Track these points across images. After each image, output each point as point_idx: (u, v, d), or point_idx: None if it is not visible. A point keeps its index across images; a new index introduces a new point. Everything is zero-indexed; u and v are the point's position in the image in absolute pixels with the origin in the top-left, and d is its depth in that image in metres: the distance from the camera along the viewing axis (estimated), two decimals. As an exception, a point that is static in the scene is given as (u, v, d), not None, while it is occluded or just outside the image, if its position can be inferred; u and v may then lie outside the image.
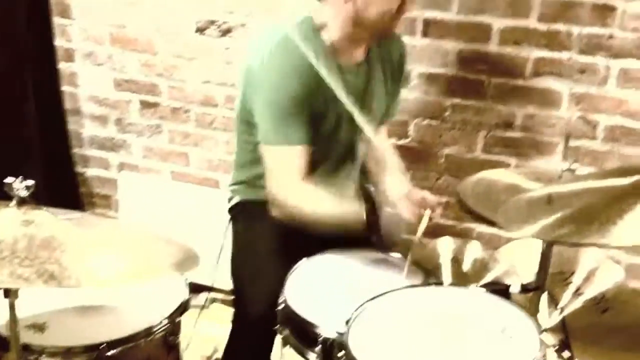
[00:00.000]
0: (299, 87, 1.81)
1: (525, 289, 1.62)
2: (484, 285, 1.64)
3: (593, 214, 1.33)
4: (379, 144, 2.10)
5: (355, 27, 1.86)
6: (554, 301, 2.04)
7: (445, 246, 2.63)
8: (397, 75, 2.13)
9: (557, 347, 1.76)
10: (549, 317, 1.93)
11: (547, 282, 1.93)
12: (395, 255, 1.90)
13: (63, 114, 3.05)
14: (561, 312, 2.41)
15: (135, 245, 1.25)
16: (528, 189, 1.89)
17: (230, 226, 2.14)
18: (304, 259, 1.80)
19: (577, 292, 2.43)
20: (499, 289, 1.63)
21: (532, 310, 1.95)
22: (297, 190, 1.86)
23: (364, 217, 1.79)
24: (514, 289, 1.64)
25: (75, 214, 1.36)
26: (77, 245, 1.22)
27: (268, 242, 1.97)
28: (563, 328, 1.65)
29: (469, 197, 1.94)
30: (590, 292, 2.41)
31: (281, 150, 1.86)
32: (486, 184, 1.98)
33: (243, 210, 2.11)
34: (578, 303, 2.41)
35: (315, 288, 1.72)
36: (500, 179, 1.99)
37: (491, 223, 1.82)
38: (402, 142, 2.67)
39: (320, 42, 1.87)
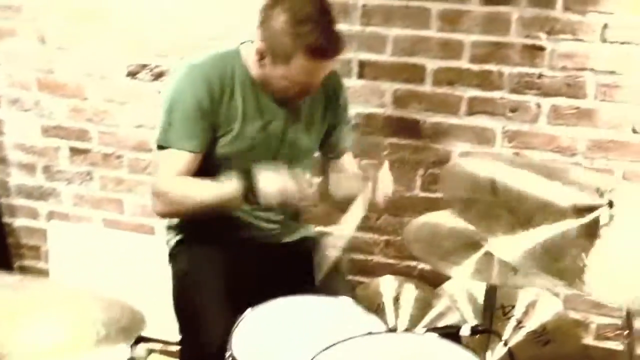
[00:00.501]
0: (193, 99, 1.88)
1: (475, 331, 1.60)
2: (435, 330, 1.62)
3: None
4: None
5: (265, 84, 1.93)
6: (498, 338, 2.04)
7: (387, 286, 2.63)
8: (333, 107, 2.13)
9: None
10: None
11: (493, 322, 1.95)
12: (343, 298, 1.86)
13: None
14: (505, 345, 2.44)
15: (73, 311, 1.17)
16: (471, 231, 1.90)
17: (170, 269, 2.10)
18: (249, 310, 1.74)
19: (519, 326, 2.46)
20: (450, 333, 1.61)
21: (482, 349, 1.97)
22: (168, 184, 1.92)
23: (243, 193, 1.83)
24: (465, 331, 1.62)
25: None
26: (5, 313, 1.13)
27: (211, 281, 1.94)
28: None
29: (413, 243, 1.94)
30: (531, 325, 2.45)
31: (168, 152, 1.91)
32: (429, 228, 1.99)
33: (182, 251, 2.08)
34: (520, 336, 2.44)
35: (262, 340, 1.67)
36: (442, 223, 1.99)
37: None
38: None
39: (243, 72, 1.94)
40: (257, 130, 1.97)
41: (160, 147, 1.94)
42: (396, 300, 2.61)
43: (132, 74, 2.72)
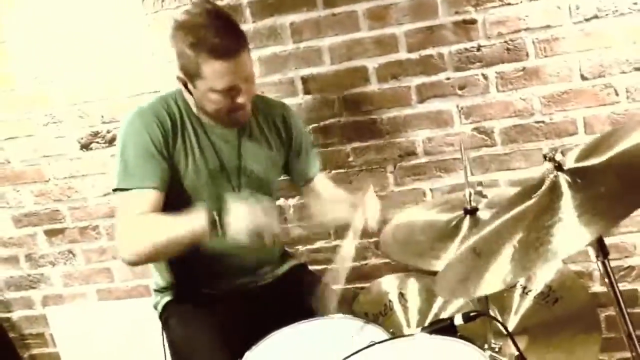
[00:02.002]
0: (146, 137, 1.89)
1: (468, 318, 1.60)
2: (428, 327, 1.61)
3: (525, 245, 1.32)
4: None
5: (202, 111, 1.96)
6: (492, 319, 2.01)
7: (389, 285, 2.63)
8: (286, 138, 2.15)
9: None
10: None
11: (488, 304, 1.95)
12: (336, 315, 1.85)
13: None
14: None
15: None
16: (444, 222, 1.90)
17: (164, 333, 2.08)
18: (247, 353, 1.74)
19: (525, 292, 2.46)
20: (444, 327, 1.60)
21: (483, 335, 1.96)
22: (134, 224, 1.84)
23: (211, 221, 1.77)
24: (458, 321, 1.61)
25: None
26: None
27: (206, 341, 1.92)
28: (514, 343, 1.63)
29: (392, 249, 1.94)
30: (536, 288, 2.45)
31: (127, 194, 1.88)
32: (404, 229, 1.99)
33: (172, 313, 2.07)
34: (529, 302, 2.44)
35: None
36: (415, 220, 1.99)
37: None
38: (315, 198, 2.66)
39: (187, 108, 1.99)
40: (213, 162, 1.98)
41: (119, 191, 1.91)
42: (402, 296, 2.61)
43: (85, 146, 2.73)
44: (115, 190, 1.92)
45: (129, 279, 2.91)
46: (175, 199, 1.92)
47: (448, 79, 2.45)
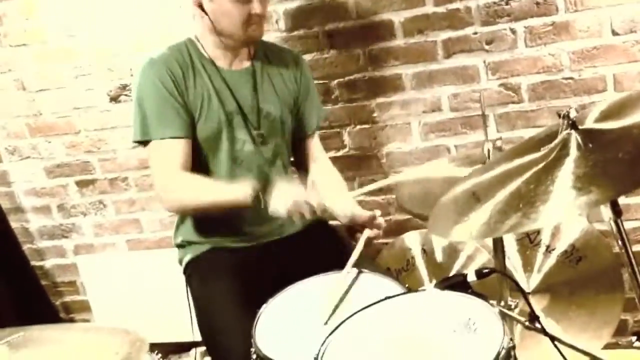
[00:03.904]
0: (160, 86, 1.93)
1: (481, 274, 1.60)
2: (441, 282, 1.62)
3: (519, 197, 1.31)
4: (317, 161, 2.20)
5: (218, 36, 1.98)
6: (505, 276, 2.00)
7: (412, 241, 2.65)
8: (296, 82, 2.15)
9: (527, 321, 1.76)
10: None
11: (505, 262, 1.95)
12: (349, 269, 1.86)
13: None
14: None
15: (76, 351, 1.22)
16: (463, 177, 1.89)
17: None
18: (264, 305, 1.77)
19: (549, 250, 2.46)
20: (457, 282, 1.61)
21: (499, 292, 1.97)
22: (176, 181, 1.94)
23: (255, 195, 1.83)
24: (471, 277, 1.62)
25: (15, 333, 1.33)
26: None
27: (226, 295, 1.95)
28: (527, 300, 1.63)
29: (408, 202, 1.94)
30: (560, 246, 2.44)
31: (154, 145, 1.95)
32: (421, 185, 1.98)
33: (194, 269, 2.10)
34: (552, 260, 2.44)
35: (283, 331, 1.70)
36: (433, 176, 1.98)
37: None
38: (340, 153, 2.67)
39: (200, 54, 2.02)
40: (229, 104, 2.01)
41: (142, 143, 1.99)
42: (424, 252, 2.62)
43: (114, 99, 2.77)
44: (136, 142, 1.99)
45: (157, 230, 2.97)
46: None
47: (475, 33, 2.41)
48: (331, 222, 2.35)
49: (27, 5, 2.74)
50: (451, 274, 2.44)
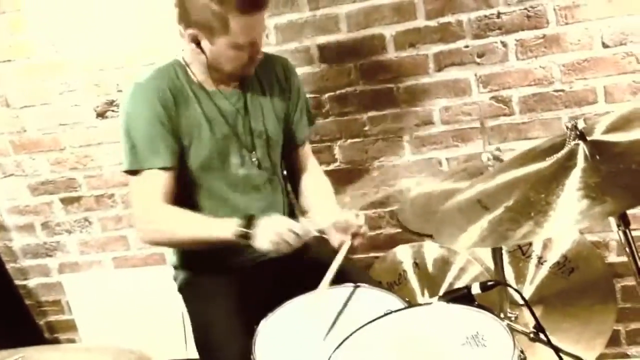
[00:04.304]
0: (150, 113, 1.86)
1: (485, 287, 1.59)
2: (445, 295, 1.60)
3: (526, 205, 1.31)
4: (309, 171, 2.17)
5: (212, 71, 1.93)
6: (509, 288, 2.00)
7: (404, 255, 2.63)
8: (286, 93, 2.12)
9: (532, 333, 1.76)
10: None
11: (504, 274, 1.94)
12: (348, 285, 1.85)
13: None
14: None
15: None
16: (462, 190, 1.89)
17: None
18: (262, 321, 1.74)
19: (541, 262, 2.46)
20: (461, 295, 1.60)
21: (499, 304, 1.96)
22: (158, 213, 1.88)
23: (240, 232, 1.80)
24: (475, 290, 1.61)
25: (15, 355, 1.28)
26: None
27: (223, 312, 1.92)
28: (531, 312, 1.63)
29: (410, 220, 1.93)
30: (552, 258, 2.44)
31: (141, 175, 1.89)
32: (421, 200, 1.97)
33: (191, 289, 2.07)
34: (545, 272, 2.44)
35: (282, 346, 1.67)
36: (432, 190, 1.98)
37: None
38: (331, 167, 2.66)
39: (189, 79, 1.95)
40: (221, 129, 1.96)
41: (130, 173, 1.92)
42: (416, 265, 2.61)
43: (100, 115, 2.73)
44: (125, 171, 1.93)
45: (144, 247, 2.92)
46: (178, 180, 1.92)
47: (467, 46, 2.42)
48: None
49: (12, 20, 2.69)
50: (446, 288, 2.45)
